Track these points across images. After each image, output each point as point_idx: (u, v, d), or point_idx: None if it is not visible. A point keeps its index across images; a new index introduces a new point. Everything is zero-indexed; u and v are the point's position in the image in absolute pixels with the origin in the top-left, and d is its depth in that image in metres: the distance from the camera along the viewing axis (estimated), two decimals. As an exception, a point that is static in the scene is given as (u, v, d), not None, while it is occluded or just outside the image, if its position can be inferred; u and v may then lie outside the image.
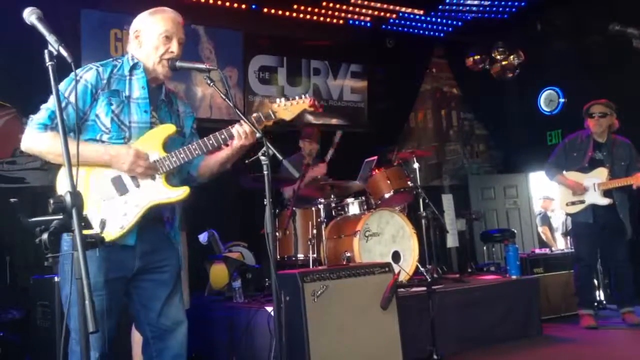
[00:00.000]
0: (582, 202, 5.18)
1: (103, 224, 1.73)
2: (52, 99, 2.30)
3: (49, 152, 2.30)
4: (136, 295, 2.45)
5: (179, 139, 2.55)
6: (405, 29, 7.77)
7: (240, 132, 2.49)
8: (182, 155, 2.42)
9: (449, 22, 7.85)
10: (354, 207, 5.17)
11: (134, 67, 2.46)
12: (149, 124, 2.43)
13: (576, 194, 5.19)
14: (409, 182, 5.24)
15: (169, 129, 2.47)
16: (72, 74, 2.28)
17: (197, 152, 2.45)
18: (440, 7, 7.43)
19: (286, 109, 2.60)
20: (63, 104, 2.28)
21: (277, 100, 2.63)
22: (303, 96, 2.64)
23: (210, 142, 2.48)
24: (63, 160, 2.23)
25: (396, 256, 4.81)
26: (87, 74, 2.36)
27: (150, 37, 2.46)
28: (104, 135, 2.35)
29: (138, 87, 2.43)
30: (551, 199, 8.59)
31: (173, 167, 2.41)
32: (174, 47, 2.46)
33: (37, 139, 2.30)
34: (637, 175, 4.97)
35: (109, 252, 2.25)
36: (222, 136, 2.50)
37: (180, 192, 2.42)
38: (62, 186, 2.29)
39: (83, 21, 5.72)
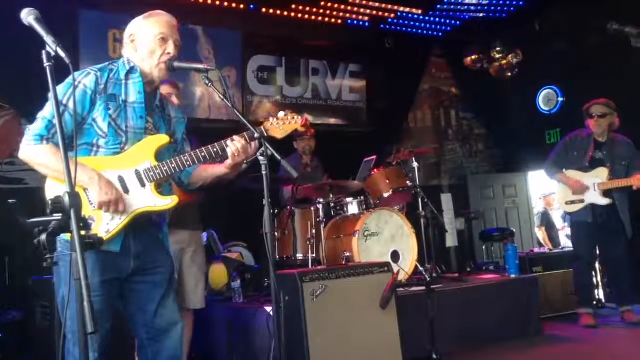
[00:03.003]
0: (582, 201, 5.18)
1: (87, 222, 1.72)
2: (48, 107, 2.30)
3: (41, 166, 2.30)
4: (132, 298, 2.46)
5: (171, 145, 2.55)
6: (404, 29, 7.77)
7: (234, 151, 2.48)
8: (173, 166, 2.42)
9: (448, 21, 7.85)
10: (353, 207, 5.17)
11: (130, 71, 2.45)
12: (143, 129, 2.42)
13: (576, 193, 5.20)
14: (407, 182, 5.24)
15: (163, 139, 2.47)
16: (69, 79, 2.28)
17: (188, 163, 2.45)
18: (438, 6, 7.43)
19: (278, 127, 2.61)
20: (60, 110, 2.27)
21: (270, 119, 2.63)
22: (295, 116, 2.65)
23: (202, 154, 2.48)
24: (55, 176, 2.26)
25: (395, 256, 4.81)
26: (86, 79, 2.34)
27: (146, 41, 2.45)
28: (100, 139, 2.34)
29: (134, 91, 2.43)
30: (552, 195, 8.53)
31: (163, 176, 2.41)
32: (170, 48, 2.46)
33: (33, 151, 2.28)
34: (637, 177, 4.98)
35: (100, 254, 2.26)
36: (215, 149, 2.50)
37: (169, 201, 2.42)
38: (51, 193, 2.28)
39: (81, 22, 5.71)
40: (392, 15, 7.47)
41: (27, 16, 1.90)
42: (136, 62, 2.47)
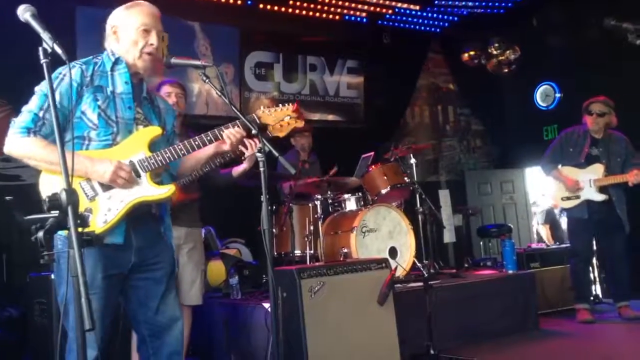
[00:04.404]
0: (578, 197, 5.19)
1: (85, 218, 1.72)
2: (34, 100, 2.29)
3: (30, 158, 2.28)
4: (132, 294, 2.46)
5: (164, 136, 2.55)
6: (402, 25, 7.77)
7: (229, 135, 2.54)
8: (167, 155, 2.42)
9: (445, 17, 7.85)
10: (350, 203, 5.17)
11: (115, 62, 2.44)
12: (132, 119, 2.42)
13: (571, 191, 5.21)
14: (405, 178, 5.24)
15: (155, 130, 2.47)
16: (54, 73, 2.27)
17: (182, 152, 2.46)
18: (436, 2, 7.42)
19: (270, 114, 2.64)
20: (46, 104, 2.27)
21: (262, 107, 2.67)
22: (287, 103, 2.70)
23: (196, 142, 2.49)
24: (46, 167, 2.26)
25: (393, 252, 4.81)
26: (71, 72, 2.32)
27: (128, 32, 2.44)
28: (91, 131, 2.33)
29: (121, 82, 2.42)
30: None
31: (158, 166, 2.41)
32: (153, 39, 2.45)
33: (20, 143, 2.26)
34: (633, 173, 4.99)
35: (104, 249, 2.26)
36: (208, 137, 2.52)
37: (165, 190, 2.42)
38: (45, 189, 2.28)
39: (78, 18, 5.70)
40: (390, 11, 7.47)
41: (24, 13, 1.90)
42: (120, 53, 2.45)
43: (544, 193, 8.72)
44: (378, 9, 7.36)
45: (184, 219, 3.66)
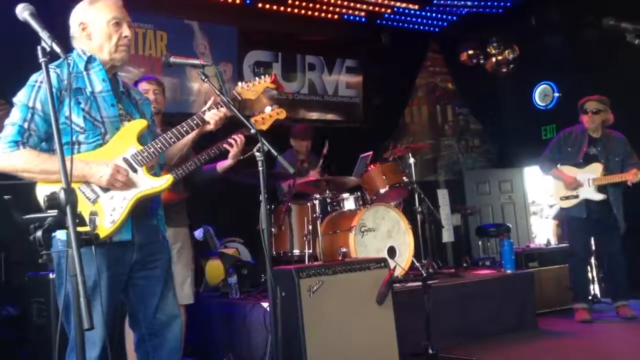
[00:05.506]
0: (576, 196, 5.20)
1: (93, 222, 1.73)
2: (15, 112, 2.28)
3: (25, 171, 2.26)
4: (132, 293, 2.46)
5: (149, 127, 2.56)
6: (400, 24, 7.75)
7: (213, 116, 2.56)
8: (158, 145, 2.44)
9: (444, 16, 7.84)
10: (349, 203, 5.17)
11: (88, 61, 2.41)
12: (117, 116, 2.41)
13: (570, 188, 5.21)
14: (404, 178, 5.25)
15: (142, 123, 2.46)
16: (30, 80, 2.28)
17: (172, 140, 2.47)
18: (434, 1, 7.42)
19: (249, 89, 2.69)
20: (29, 115, 2.25)
21: (239, 83, 2.71)
22: (264, 75, 2.75)
23: (184, 128, 2.52)
24: (43, 178, 2.26)
25: (392, 251, 4.81)
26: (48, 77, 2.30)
27: (100, 27, 2.41)
28: (79, 136, 2.31)
29: (98, 80, 2.40)
30: None
31: (152, 158, 2.42)
32: (126, 31, 2.44)
33: (10, 158, 2.25)
34: (632, 172, 5.00)
35: (108, 248, 2.26)
36: (194, 122, 2.55)
37: (164, 181, 2.43)
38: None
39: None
40: (389, 11, 7.46)
41: (22, 12, 1.90)
42: (93, 51, 2.42)
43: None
44: (377, 9, 7.35)
45: (172, 219, 3.64)
